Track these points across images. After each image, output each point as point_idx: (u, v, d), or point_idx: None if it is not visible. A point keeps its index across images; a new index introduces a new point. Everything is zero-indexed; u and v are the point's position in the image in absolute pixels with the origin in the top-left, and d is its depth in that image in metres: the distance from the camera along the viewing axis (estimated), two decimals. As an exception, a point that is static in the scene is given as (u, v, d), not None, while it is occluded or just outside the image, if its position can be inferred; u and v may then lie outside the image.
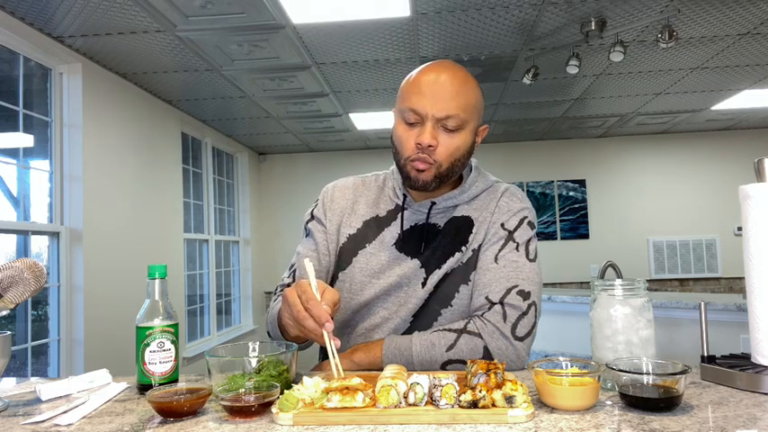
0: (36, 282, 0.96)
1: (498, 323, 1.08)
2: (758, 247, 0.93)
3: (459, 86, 1.12)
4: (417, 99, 1.11)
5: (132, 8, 2.90)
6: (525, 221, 1.20)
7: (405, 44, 3.56)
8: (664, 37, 3.25)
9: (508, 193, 1.24)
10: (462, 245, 1.18)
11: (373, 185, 1.32)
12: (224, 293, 6.02)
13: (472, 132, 1.17)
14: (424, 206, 1.22)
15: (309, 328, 0.95)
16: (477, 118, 1.17)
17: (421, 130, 1.12)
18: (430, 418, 0.77)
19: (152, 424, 0.82)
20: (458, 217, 1.21)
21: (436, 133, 1.11)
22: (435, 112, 1.10)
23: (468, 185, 1.23)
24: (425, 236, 1.20)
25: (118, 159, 3.90)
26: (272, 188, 6.98)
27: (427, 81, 1.12)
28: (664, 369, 0.85)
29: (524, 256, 1.16)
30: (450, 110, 1.10)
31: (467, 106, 1.12)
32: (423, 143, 1.10)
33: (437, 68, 1.14)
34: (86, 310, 3.43)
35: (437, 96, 1.10)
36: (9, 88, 3.18)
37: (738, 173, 6.49)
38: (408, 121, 1.14)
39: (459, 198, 1.22)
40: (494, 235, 1.18)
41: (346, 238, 1.26)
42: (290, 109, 5.01)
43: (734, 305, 2.61)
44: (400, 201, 1.25)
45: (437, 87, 1.11)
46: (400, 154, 1.17)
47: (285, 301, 1.00)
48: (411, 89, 1.14)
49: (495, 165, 6.88)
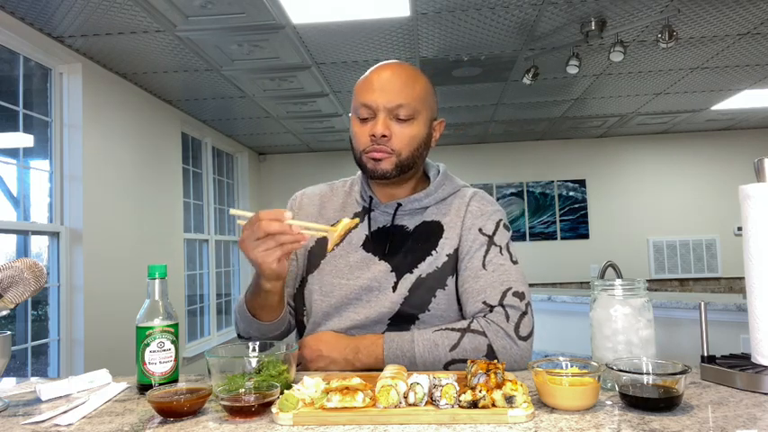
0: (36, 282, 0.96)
1: (502, 323, 1.08)
2: (758, 247, 0.93)
3: (407, 78, 1.17)
4: (368, 94, 1.16)
5: (132, 8, 2.90)
6: (501, 224, 1.22)
7: (405, 44, 3.56)
8: (664, 37, 3.25)
9: (477, 197, 1.25)
10: (432, 249, 1.19)
11: (341, 190, 1.34)
12: (224, 293, 6.02)
13: (426, 124, 1.20)
14: (390, 207, 1.23)
15: (275, 229, 0.98)
16: (429, 110, 1.20)
17: (374, 123, 1.16)
18: (430, 418, 0.77)
19: (152, 424, 0.82)
20: (428, 222, 1.22)
21: (389, 124, 1.15)
22: (386, 103, 1.14)
23: (434, 188, 1.24)
24: (392, 237, 1.21)
25: (118, 159, 3.90)
26: (272, 188, 6.98)
27: (376, 77, 1.18)
28: (664, 369, 0.85)
29: (509, 260, 1.17)
30: (400, 99, 1.14)
31: (416, 96, 1.16)
32: (376, 133, 1.14)
33: (386, 66, 1.20)
34: (86, 310, 3.43)
35: (386, 89, 1.15)
36: (9, 88, 3.18)
37: (738, 173, 6.49)
38: (362, 116, 1.17)
39: (425, 200, 1.23)
40: (474, 241, 1.18)
41: (314, 241, 1.27)
42: (290, 109, 5.01)
43: (734, 305, 2.61)
44: (367, 203, 1.26)
45: (385, 81, 1.16)
46: (356, 149, 1.20)
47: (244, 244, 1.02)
48: (362, 87, 1.19)
49: (496, 165, 6.89)
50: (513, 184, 6.86)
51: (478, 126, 6.00)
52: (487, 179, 6.85)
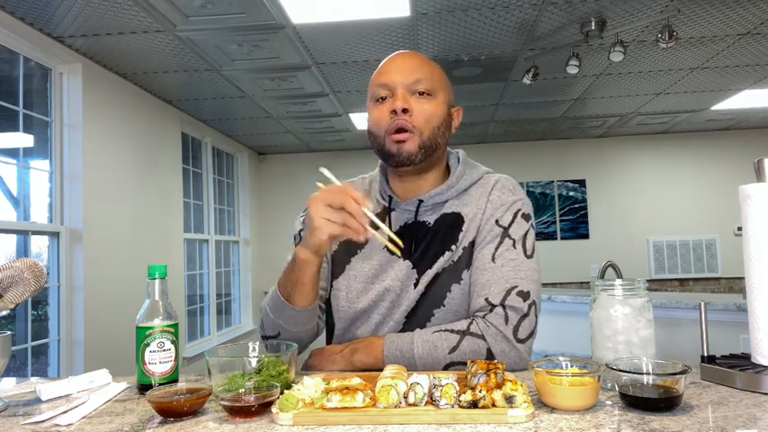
0: (36, 282, 0.96)
1: (500, 326, 1.07)
2: (758, 247, 0.93)
3: (423, 59, 1.20)
4: (385, 75, 1.17)
5: (132, 8, 2.90)
6: (519, 214, 1.17)
7: (405, 44, 3.55)
8: (664, 37, 3.25)
9: (499, 186, 1.20)
10: (452, 243, 1.16)
11: (360, 189, 1.30)
12: (224, 293, 6.02)
13: (445, 104, 1.19)
14: (412, 204, 1.20)
15: (352, 208, 0.97)
16: (447, 92, 1.21)
17: (393, 99, 1.15)
18: (430, 418, 0.77)
19: (152, 424, 0.82)
20: (447, 214, 1.19)
21: (408, 99, 1.15)
22: (404, 79, 1.15)
23: (455, 179, 1.20)
24: (415, 235, 1.19)
25: (118, 159, 3.90)
26: (272, 188, 6.98)
27: (392, 61, 1.20)
28: (664, 369, 0.85)
29: (522, 254, 1.13)
30: (418, 74, 1.15)
31: (433, 74, 1.18)
32: (397, 108, 1.13)
33: (400, 52, 1.23)
34: (86, 310, 3.43)
35: (402, 68, 1.17)
36: (9, 88, 3.18)
37: (738, 173, 6.49)
38: (380, 96, 1.17)
39: (447, 193, 1.19)
40: (489, 233, 1.15)
41: (337, 244, 1.24)
42: (290, 109, 5.01)
43: (734, 305, 2.61)
44: (386, 202, 1.23)
45: (401, 62, 1.19)
46: (377, 132, 1.17)
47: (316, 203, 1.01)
48: (378, 73, 1.20)
49: (496, 165, 6.83)
50: (513, 184, 6.85)
51: (478, 126, 6.00)
52: (487, 179, 6.85)
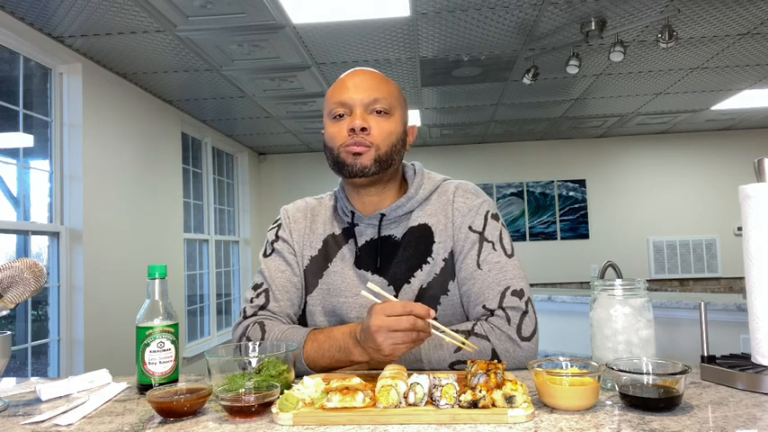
0: (36, 282, 0.96)
1: (503, 326, 1.08)
2: (758, 247, 0.93)
3: (380, 78, 1.19)
4: (343, 93, 1.16)
5: (132, 8, 2.90)
6: (489, 215, 1.18)
7: (405, 44, 3.55)
8: (664, 37, 3.25)
9: (461, 192, 1.21)
10: (428, 255, 1.16)
11: (328, 204, 1.30)
12: (224, 293, 6.02)
13: (402, 122, 1.19)
14: (375, 218, 1.20)
15: (421, 326, 0.92)
16: (403, 110, 1.21)
17: (351, 118, 1.15)
18: (430, 418, 0.77)
19: (152, 424, 0.82)
20: (414, 227, 1.19)
21: (367, 118, 1.14)
22: (363, 98, 1.14)
23: (414, 190, 1.20)
24: (381, 249, 1.19)
25: (118, 159, 3.90)
26: (272, 188, 6.98)
27: (350, 78, 1.18)
28: (664, 369, 0.85)
29: (503, 254, 1.15)
30: (376, 93, 1.15)
31: (391, 93, 1.18)
32: (355, 126, 1.12)
33: (357, 70, 1.21)
34: (86, 310, 3.43)
35: (361, 87, 1.16)
36: (9, 88, 3.18)
37: (738, 173, 6.49)
38: (337, 113, 1.16)
39: (408, 204, 1.20)
40: (466, 240, 1.16)
41: (309, 259, 1.23)
42: (290, 109, 5.01)
43: (734, 305, 2.60)
44: (349, 218, 1.23)
45: (359, 81, 1.17)
46: (333, 146, 1.16)
47: (380, 332, 0.92)
48: (335, 90, 1.19)
49: (496, 165, 6.89)
50: (513, 184, 6.86)
51: (478, 126, 6.00)
52: (487, 179, 6.85)
